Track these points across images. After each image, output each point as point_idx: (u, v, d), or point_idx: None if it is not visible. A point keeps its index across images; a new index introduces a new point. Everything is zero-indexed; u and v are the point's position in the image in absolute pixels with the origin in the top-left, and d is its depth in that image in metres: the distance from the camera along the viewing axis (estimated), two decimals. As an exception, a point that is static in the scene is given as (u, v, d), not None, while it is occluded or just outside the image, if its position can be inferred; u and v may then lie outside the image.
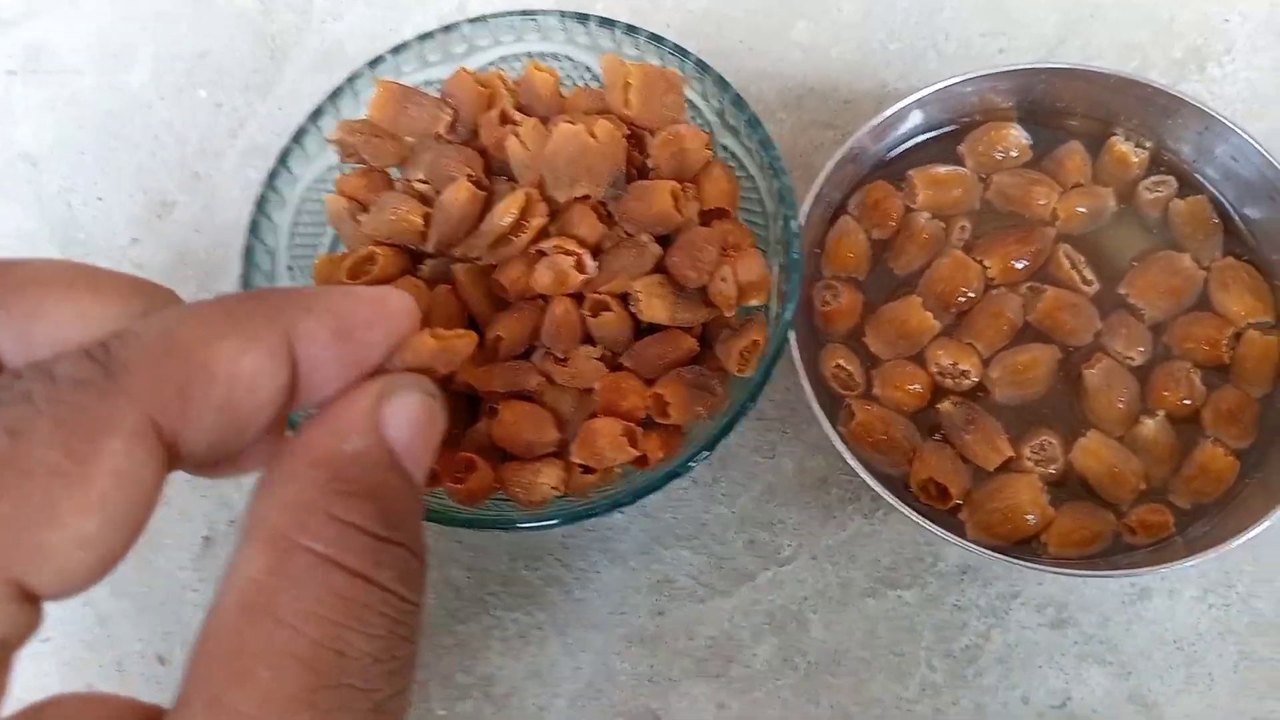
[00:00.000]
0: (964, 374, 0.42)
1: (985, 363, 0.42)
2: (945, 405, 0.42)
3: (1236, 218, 0.44)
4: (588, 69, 0.43)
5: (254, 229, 0.39)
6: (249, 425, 0.20)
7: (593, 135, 0.36)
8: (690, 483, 0.46)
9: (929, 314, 0.42)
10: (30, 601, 0.17)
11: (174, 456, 0.19)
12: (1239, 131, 0.42)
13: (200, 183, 0.51)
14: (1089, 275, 0.43)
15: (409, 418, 0.22)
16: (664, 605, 0.44)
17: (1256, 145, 0.42)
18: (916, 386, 0.42)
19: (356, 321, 0.23)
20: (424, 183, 0.40)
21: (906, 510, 0.39)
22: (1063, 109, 0.46)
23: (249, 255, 0.38)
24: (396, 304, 0.23)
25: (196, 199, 0.51)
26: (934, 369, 0.42)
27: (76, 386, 0.18)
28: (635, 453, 0.36)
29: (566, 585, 0.44)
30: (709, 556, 0.45)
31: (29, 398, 0.17)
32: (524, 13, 0.41)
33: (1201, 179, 0.45)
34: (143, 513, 0.19)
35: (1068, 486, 0.41)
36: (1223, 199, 0.44)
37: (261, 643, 0.18)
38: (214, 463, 0.21)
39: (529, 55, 0.42)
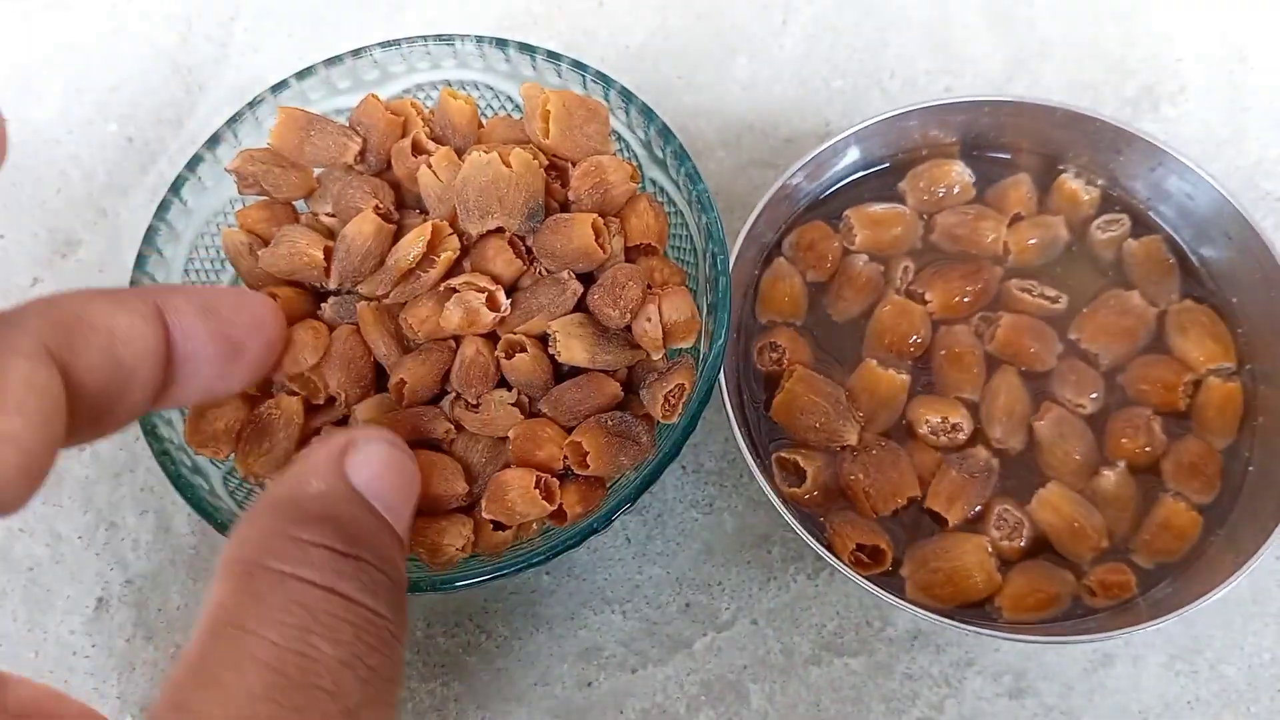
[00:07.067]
0: (956, 428, 0.39)
1: (974, 408, 0.40)
2: (980, 449, 0.39)
3: (1193, 258, 0.42)
4: (510, 99, 0.41)
5: (140, 263, 0.36)
6: (133, 375, 0.24)
7: (506, 164, 0.33)
8: (623, 541, 0.42)
9: (891, 371, 0.39)
10: None
11: (73, 393, 0.22)
12: (1193, 168, 0.40)
13: (106, 220, 0.48)
14: (1050, 292, 0.41)
15: (375, 464, 0.24)
16: (592, 675, 0.40)
17: (1212, 181, 0.40)
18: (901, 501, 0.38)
19: (221, 303, 0.27)
20: (331, 216, 0.37)
21: (849, 572, 0.36)
22: (1008, 144, 0.44)
23: (134, 292, 0.35)
24: (260, 298, 0.30)
25: (102, 237, 0.48)
26: (923, 430, 0.39)
27: None
28: (550, 507, 0.33)
29: (487, 653, 0.41)
30: (641, 621, 0.41)
31: None
32: (439, 37, 0.38)
33: (1156, 218, 0.43)
34: (56, 422, 0.21)
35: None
36: (1179, 239, 0.42)
37: (226, 651, 0.20)
38: (110, 411, 0.24)
39: (446, 83, 0.40)
